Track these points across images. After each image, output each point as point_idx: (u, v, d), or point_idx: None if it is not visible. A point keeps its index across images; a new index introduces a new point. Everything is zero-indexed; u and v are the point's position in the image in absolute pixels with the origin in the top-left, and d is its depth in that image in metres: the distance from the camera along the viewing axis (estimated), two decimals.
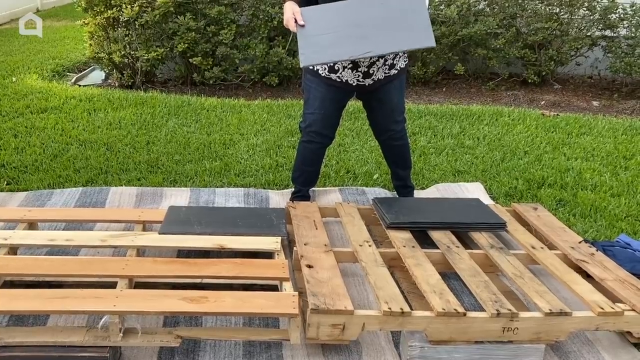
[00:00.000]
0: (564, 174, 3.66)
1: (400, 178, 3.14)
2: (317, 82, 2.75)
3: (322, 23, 2.32)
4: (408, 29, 2.23)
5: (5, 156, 3.70)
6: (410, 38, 2.20)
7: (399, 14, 2.27)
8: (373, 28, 2.24)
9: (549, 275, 2.51)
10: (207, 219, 2.65)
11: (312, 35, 2.28)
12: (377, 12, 2.29)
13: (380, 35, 2.23)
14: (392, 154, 3.05)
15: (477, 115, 4.72)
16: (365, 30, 2.25)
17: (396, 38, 2.21)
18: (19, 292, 2.02)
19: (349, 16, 2.31)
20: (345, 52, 2.24)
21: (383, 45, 2.21)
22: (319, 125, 2.83)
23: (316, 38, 2.27)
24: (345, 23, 2.28)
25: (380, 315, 2.01)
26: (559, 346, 2.17)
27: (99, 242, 2.43)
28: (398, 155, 3.05)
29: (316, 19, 2.33)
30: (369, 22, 2.28)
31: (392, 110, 2.85)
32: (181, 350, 2.06)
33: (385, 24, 2.26)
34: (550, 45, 5.62)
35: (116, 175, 3.50)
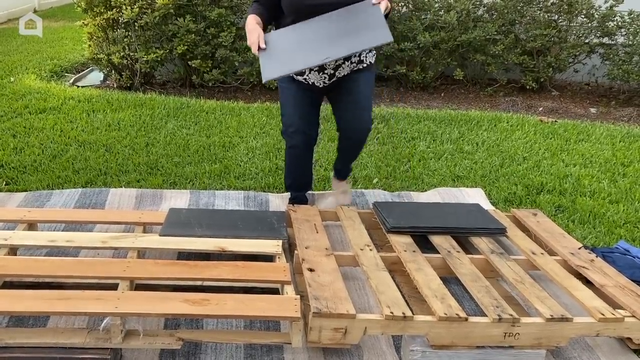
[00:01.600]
0: (563, 180, 3.68)
1: (342, 165, 3.12)
2: (288, 85, 2.80)
3: (282, 42, 2.45)
4: (364, 30, 2.31)
5: (4, 156, 3.68)
6: (367, 37, 2.29)
7: (354, 19, 2.37)
8: (330, 37, 2.35)
9: (549, 281, 2.52)
10: (208, 221, 2.65)
11: (272, 54, 2.41)
12: (334, 24, 2.41)
13: (338, 41, 2.33)
14: (345, 150, 2.99)
15: (475, 120, 4.73)
16: (323, 40, 2.36)
17: (353, 40, 2.30)
18: (19, 292, 2.00)
19: (307, 33, 2.43)
20: (303, 62, 2.34)
21: (340, 49, 2.30)
22: (298, 124, 2.82)
23: (276, 55, 2.39)
24: (304, 39, 2.40)
25: (382, 319, 2.01)
26: (560, 352, 2.18)
27: (100, 243, 2.42)
28: (352, 153, 3.01)
29: (276, 39, 2.46)
30: (326, 33, 2.39)
31: (357, 104, 2.80)
32: (182, 353, 2.05)
33: (341, 31, 2.36)
34: (548, 52, 5.65)
35: (115, 177, 3.49)
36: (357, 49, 2.30)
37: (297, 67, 2.30)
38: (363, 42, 2.28)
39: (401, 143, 4.21)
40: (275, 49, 2.41)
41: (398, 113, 4.87)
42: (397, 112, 4.91)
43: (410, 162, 3.88)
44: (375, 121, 4.63)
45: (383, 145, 4.14)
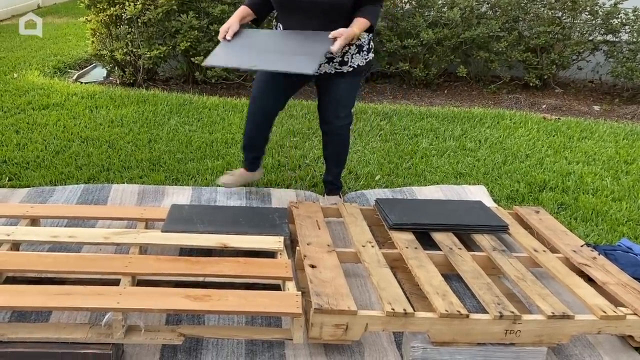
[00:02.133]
0: (566, 178, 3.67)
1: (330, 174, 3.17)
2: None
3: (244, 40, 2.61)
4: (302, 55, 2.45)
5: (7, 152, 3.69)
6: (296, 62, 2.43)
7: (306, 43, 2.52)
8: (277, 50, 2.52)
9: (551, 279, 2.51)
10: (210, 217, 2.65)
11: (228, 46, 2.56)
12: (291, 41, 2.58)
13: (276, 56, 2.50)
14: (328, 147, 3.09)
15: (478, 117, 4.73)
16: (269, 50, 2.53)
17: (285, 60, 2.46)
18: (21, 288, 2.01)
19: (267, 39, 2.62)
20: (238, 62, 2.55)
21: (269, 63, 2.48)
22: (260, 90, 2.92)
23: (228, 49, 2.55)
24: (260, 43, 2.58)
25: (384, 316, 2.01)
26: (561, 349, 2.18)
27: (102, 239, 2.42)
28: (333, 151, 3.08)
29: (244, 36, 2.62)
30: (278, 45, 2.56)
31: (337, 103, 2.88)
32: (184, 349, 2.06)
33: (289, 48, 2.53)
34: (552, 49, 5.63)
35: (118, 173, 3.50)
36: (280, 69, 2.46)
37: (232, 64, 2.49)
38: (289, 64, 2.43)
39: (404, 140, 4.20)
40: (234, 44, 2.56)
41: (401, 110, 4.86)
42: (400, 109, 4.91)
43: (413, 159, 3.88)
44: (377, 118, 4.63)
45: (385, 142, 4.14)
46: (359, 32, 2.57)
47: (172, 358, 2.01)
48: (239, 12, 2.73)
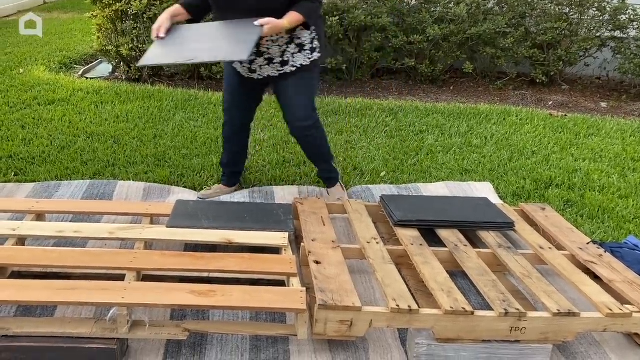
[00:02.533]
0: (572, 175, 3.65)
1: (321, 170, 3.17)
2: (227, 71, 2.96)
3: (176, 36, 2.61)
4: (234, 44, 2.48)
5: (13, 147, 3.70)
6: (229, 50, 2.45)
7: (237, 32, 2.54)
8: (211, 41, 2.53)
9: (556, 276, 2.50)
10: (215, 213, 2.65)
11: (161, 44, 2.56)
12: (222, 31, 2.60)
13: (211, 47, 2.50)
14: (305, 150, 3.07)
15: (484, 114, 4.71)
16: (204, 43, 2.53)
17: (219, 50, 2.47)
18: (27, 282, 2.02)
19: (199, 32, 2.62)
20: (174, 58, 2.55)
21: (206, 55, 2.48)
22: (228, 104, 3.00)
23: (162, 46, 2.55)
24: (193, 37, 2.59)
25: (388, 312, 2.00)
26: (566, 347, 2.17)
27: (107, 234, 2.43)
28: (312, 152, 3.06)
29: (177, 33, 2.63)
30: (211, 37, 2.57)
31: (291, 105, 2.87)
32: (188, 344, 2.06)
33: (222, 39, 2.54)
34: (559, 45, 5.59)
35: (123, 169, 3.50)
36: (216, 59, 2.48)
37: (168, 60, 2.50)
38: (224, 53, 2.45)
39: (409, 136, 4.19)
40: (167, 41, 2.57)
41: (406, 106, 4.85)
42: (406, 105, 4.89)
43: (419, 155, 3.87)
44: (383, 114, 4.61)
45: (391, 139, 4.13)
46: (288, 25, 2.56)
47: (176, 353, 2.02)
48: (171, 10, 2.69)
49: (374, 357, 2.06)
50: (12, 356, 1.89)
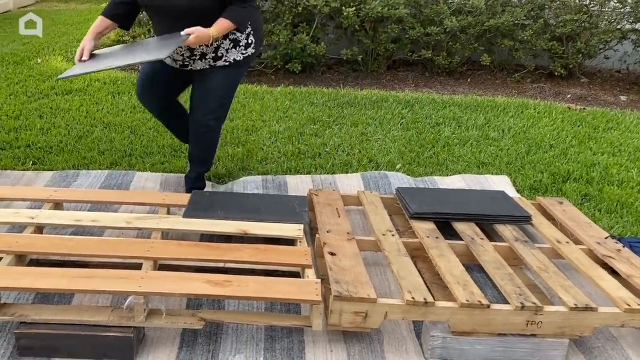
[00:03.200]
0: (590, 169, 3.61)
1: (192, 171, 3.04)
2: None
3: (101, 54, 2.63)
4: (156, 48, 2.50)
5: (31, 136, 3.74)
6: (150, 53, 2.46)
7: (161, 42, 2.55)
8: (132, 52, 2.56)
9: (573, 270, 2.47)
10: (230, 204, 2.66)
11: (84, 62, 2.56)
12: (148, 44, 2.61)
13: (133, 54, 2.53)
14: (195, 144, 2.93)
15: (502, 107, 4.66)
16: (127, 53, 2.57)
17: (140, 55, 2.50)
18: (45, 270, 2.04)
19: (126, 48, 2.68)
20: (95, 67, 2.50)
21: (126, 60, 2.48)
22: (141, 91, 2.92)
23: (86, 62, 2.56)
24: (119, 51, 2.63)
25: (403, 304, 2.00)
26: (583, 341, 2.15)
27: (124, 223, 2.45)
28: (200, 148, 2.94)
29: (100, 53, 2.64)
30: (136, 49, 2.60)
31: (208, 93, 2.77)
32: (204, 333, 2.07)
33: (143, 49, 2.56)
34: (578, 38, 5.52)
35: (140, 159, 3.52)
36: (135, 61, 2.46)
37: (90, 69, 2.48)
38: (144, 56, 2.47)
39: (425, 128, 4.17)
40: (91, 59, 2.58)
41: (423, 98, 4.82)
42: (422, 97, 4.86)
43: (435, 148, 3.84)
44: (399, 106, 4.59)
45: (407, 131, 4.11)
46: (216, 34, 2.52)
47: (192, 342, 2.03)
48: (95, 28, 2.62)
49: (389, 349, 2.06)
50: (30, 342, 1.91)
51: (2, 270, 2.02)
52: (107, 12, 2.67)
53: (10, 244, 2.20)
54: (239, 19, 2.59)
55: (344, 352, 2.03)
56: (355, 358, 2.00)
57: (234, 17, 2.57)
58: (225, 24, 2.55)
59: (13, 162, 3.40)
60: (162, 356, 1.96)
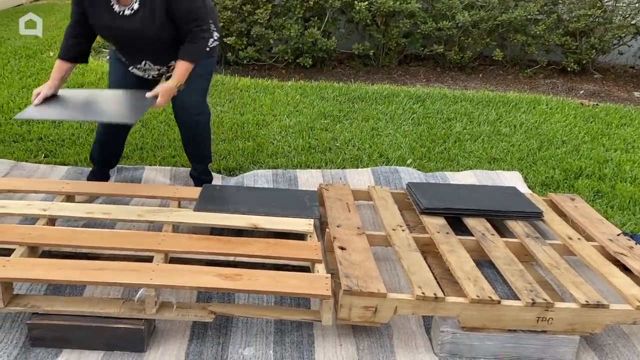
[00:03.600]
0: (603, 165, 3.58)
1: (195, 169, 3.04)
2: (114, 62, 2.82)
3: (62, 97, 2.57)
4: (123, 107, 2.49)
5: (43, 129, 3.76)
6: (118, 113, 2.46)
7: (129, 99, 2.55)
8: (98, 103, 2.53)
9: (585, 267, 2.46)
10: (241, 198, 2.67)
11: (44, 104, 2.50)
12: (113, 97, 2.60)
13: (100, 108, 2.50)
14: (188, 141, 2.93)
15: (514, 102, 4.64)
16: (91, 103, 2.54)
17: (108, 112, 2.49)
18: (57, 262, 2.05)
19: (88, 96, 2.64)
20: (56, 114, 2.50)
21: (91, 114, 2.49)
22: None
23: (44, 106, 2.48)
24: (80, 99, 2.58)
25: (414, 299, 2.00)
26: (594, 339, 2.14)
27: (136, 216, 2.46)
28: (191, 145, 2.93)
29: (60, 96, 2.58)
30: (100, 101, 2.56)
31: (186, 95, 2.70)
32: (214, 326, 2.08)
33: (110, 103, 2.53)
34: (592, 33, 5.47)
35: (151, 152, 3.53)
36: (102, 119, 2.52)
37: (51, 116, 2.48)
38: (111, 115, 2.46)
39: (437, 124, 4.15)
40: (49, 103, 2.52)
41: (434, 93, 4.80)
42: (434, 92, 4.84)
43: (446, 143, 3.83)
44: (410, 101, 4.57)
45: (418, 126, 4.09)
46: (178, 82, 2.48)
47: (202, 335, 2.04)
48: (56, 74, 2.53)
49: (398, 344, 2.06)
50: (42, 333, 1.93)
51: (15, 261, 2.03)
52: (64, 55, 2.56)
53: (23, 235, 2.22)
54: (195, 56, 2.52)
55: (354, 346, 2.03)
56: (365, 352, 2.01)
57: (189, 57, 2.50)
58: (183, 68, 2.49)
59: (26, 154, 3.42)
60: (172, 348, 1.97)
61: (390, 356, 2.00)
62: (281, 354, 1.98)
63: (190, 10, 2.45)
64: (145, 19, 2.43)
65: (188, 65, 2.50)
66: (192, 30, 2.49)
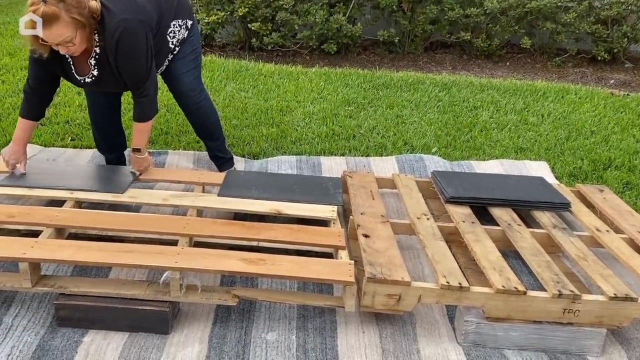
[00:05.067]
0: (633, 157, 3.50)
1: (211, 149, 3.04)
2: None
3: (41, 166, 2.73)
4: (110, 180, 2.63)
5: (70, 113, 3.80)
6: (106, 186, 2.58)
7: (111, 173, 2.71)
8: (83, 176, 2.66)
9: (613, 259, 2.42)
10: (265, 184, 2.67)
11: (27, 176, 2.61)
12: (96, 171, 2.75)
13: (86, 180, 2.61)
14: (194, 124, 2.95)
15: (542, 91, 4.55)
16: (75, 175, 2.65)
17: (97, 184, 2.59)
18: (84, 244, 2.08)
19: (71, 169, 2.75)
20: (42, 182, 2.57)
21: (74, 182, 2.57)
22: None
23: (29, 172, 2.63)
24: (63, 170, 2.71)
25: (438, 288, 1.98)
26: (621, 332, 2.10)
27: (161, 200, 2.47)
28: (200, 127, 2.95)
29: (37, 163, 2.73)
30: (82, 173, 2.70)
31: (180, 80, 2.77)
32: (237, 310, 2.09)
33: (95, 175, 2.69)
34: (624, 21, 5.33)
35: (175, 137, 3.55)
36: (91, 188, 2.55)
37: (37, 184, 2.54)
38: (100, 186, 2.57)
39: (463, 112, 4.10)
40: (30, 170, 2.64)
41: (460, 81, 4.73)
42: (460, 80, 4.78)
43: (472, 132, 3.78)
44: (435, 89, 4.52)
45: (443, 114, 4.05)
46: (143, 145, 2.61)
47: (226, 318, 2.05)
48: (21, 134, 2.53)
49: (421, 332, 2.05)
50: (68, 314, 1.96)
51: (42, 242, 2.06)
52: (26, 113, 2.54)
53: (50, 217, 2.25)
54: (145, 115, 2.57)
55: (376, 333, 2.03)
56: (388, 340, 2.00)
57: (141, 117, 2.56)
58: (140, 132, 2.59)
59: (52, 137, 3.46)
60: (196, 331, 1.99)
61: (413, 344, 1.99)
62: (304, 339, 1.98)
63: (136, 76, 2.46)
64: (104, 80, 2.46)
65: (140, 126, 2.57)
66: (140, 94, 2.53)
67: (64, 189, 2.50)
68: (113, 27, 2.27)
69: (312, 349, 1.94)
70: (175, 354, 1.89)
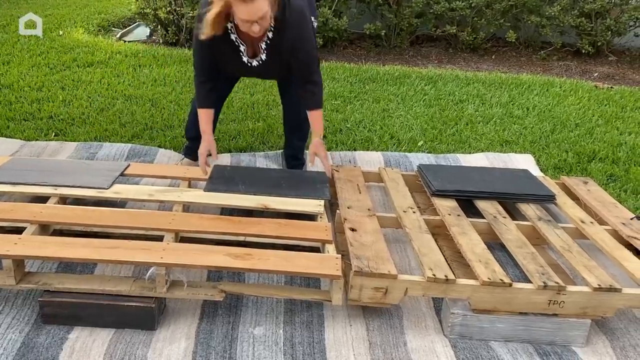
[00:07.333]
0: (616, 149, 3.54)
1: (294, 148, 3.04)
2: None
3: (31, 163, 2.70)
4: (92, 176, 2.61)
5: (54, 108, 3.76)
6: (89, 179, 2.56)
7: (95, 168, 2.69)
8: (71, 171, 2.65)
9: (597, 251, 2.44)
10: (251, 179, 2.66)
11: (13, 167, 2.61)
12: (81, 166, 2.72)
13: (58, 173, 2.60)
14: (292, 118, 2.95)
15: (527, 84, 4.58)
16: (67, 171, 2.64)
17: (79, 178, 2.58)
18: (69, 240, 2.06)
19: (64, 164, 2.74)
20: (30, 179, 2.54)
21: (59, 179, 2.55)
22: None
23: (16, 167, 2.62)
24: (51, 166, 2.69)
25: (424, 281, 1.99)
26: (605, 322, 2.13)
27: (146, 196, 2.46)
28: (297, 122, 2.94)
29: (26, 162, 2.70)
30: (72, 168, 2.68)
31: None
32: (224, 305, 2.08)
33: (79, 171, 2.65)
34: (608, 15, 5.38)
35: (161, 132, 3.53)
36: (76, 184, 2.52)
37: (21, 180, 2.50)
38: (83, 181, 2.54)
39: (449, 105, 4.11)
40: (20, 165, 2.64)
41: (446, 75, 4.75)
42: (445, 73, 4.79)
43: (458, 125, 3.79)
44: (422, 83, 4.53)
45: (430, 108, 4.06)
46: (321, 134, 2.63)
47: (212, 314, 2.04)
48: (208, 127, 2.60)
49: (408, 325, 2.05)
50: (53, 310, 1.94)
51: (26, 239, 2.04)
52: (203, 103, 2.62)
53: (34, 213, 2.23)
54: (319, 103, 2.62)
55: (363, 326, 2.03)
56: (375, 333, 2.00)
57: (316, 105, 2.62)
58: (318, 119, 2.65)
59: (36, 133, 3.43)
60: (182, 327, 1.98)
61: (400, 337, 2.00)
62: (291, 333, 1.98)
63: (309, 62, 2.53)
64: (270, 65, 2.53)
65: (317, 113, 2.62)
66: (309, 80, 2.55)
67: (48, 185, 2.48)
68: (296, 11, 2.38)
69: (300, 343, 1.94)
70: (162, 349, 1.88)
